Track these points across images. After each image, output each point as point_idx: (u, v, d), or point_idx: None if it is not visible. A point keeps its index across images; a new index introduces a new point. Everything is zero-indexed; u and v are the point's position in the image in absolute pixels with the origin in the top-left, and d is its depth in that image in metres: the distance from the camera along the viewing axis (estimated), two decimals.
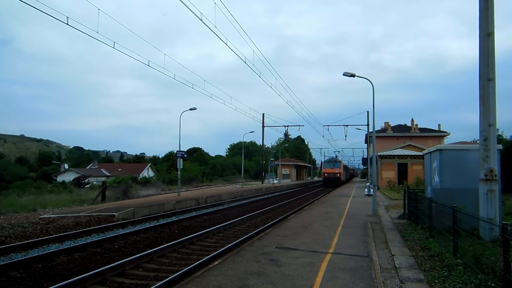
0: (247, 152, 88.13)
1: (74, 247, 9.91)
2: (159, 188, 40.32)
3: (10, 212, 18.29)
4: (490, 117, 8.88)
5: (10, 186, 38.14)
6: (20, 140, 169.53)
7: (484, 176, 8.88)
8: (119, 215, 15.88)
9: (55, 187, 36.89)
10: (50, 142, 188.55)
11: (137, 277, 7.65)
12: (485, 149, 8.90)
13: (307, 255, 8.27)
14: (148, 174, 69.67)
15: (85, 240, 11.34)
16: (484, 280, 5.81)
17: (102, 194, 24.48)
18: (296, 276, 6.64)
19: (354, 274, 6.85)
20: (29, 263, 8.41)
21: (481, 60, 9.04)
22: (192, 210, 19.96)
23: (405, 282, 6.42)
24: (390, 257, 8.24)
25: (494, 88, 8.90)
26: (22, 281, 7.32)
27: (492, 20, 8.97)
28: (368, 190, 28.31)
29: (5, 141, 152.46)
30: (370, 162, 28.29)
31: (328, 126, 38.11)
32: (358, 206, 20.06)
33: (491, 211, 8.67)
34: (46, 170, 70.29)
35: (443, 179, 11.04)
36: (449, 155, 11.19)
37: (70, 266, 8.43)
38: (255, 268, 7.19)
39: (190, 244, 10.90)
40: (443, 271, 6.78)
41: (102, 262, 8.80)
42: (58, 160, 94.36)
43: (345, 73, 17.55)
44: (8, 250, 9.71)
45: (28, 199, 24.96)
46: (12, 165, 68.50)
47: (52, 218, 15.04)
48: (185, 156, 35.60)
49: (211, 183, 57.90)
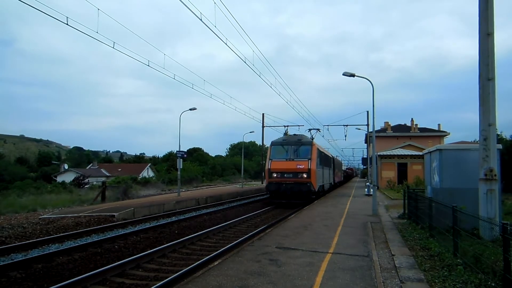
0: (247, 152, 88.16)
1: (74, 247, 9.91)
2: (159, 188, 40.29)
3: (10, 213, 18.28)
4: (490, 117, 8.89)
5: (10, 186, 38.13)
6: (20, 140, 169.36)
7: (484, 176, 8.89)
8: (119, 215, 15.87)
9: (55, 187, 36.86)
10: (50, 142, 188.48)
11: (137, 277, 7.65)
12: (485, 149, 8.91)
13: (307, 255, 8.27)
14: (148, 174, 69.67)
15: (85, 240, 11.34)
16: (484, 280, 5.81)
17: (102, 194, 24.46)
18: (296, 276, 6.65)
19: (354, 274, 6.85)
20: (29, 263, 8.40)
21: (480, 60, 9.05)
22: (192, 210, 19.95)
23: (405, 282, 6.42)
24: (390, 257, 8.25)
25: (494, 88, 8.91)
26: (22, 282, 7.32)
27: (492, 21, 8.98)
28: (368, 190, 28.29)
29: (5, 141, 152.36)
30: (370, 162, 28.29)
31: (328, 126, 37.76)
32: (358, 206, 20.05)
33: (491, 211, 8.68)
34: (46, 170, 70.31)
35: (443, 178, 11.05)
36: (449, 155, 11.20)
37: (70, 266, 8.43)
38: (255, 268, 7.19)
39: (190, 244, 10.90)
40: (443, 271, 6.78)
41: (102, 262, 8.80)
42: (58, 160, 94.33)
43: (345, 73, 17.55)
44: (8, 251, 9.71)
45: (28, 199, 24.92)
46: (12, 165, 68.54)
47: (52, 219, 15.03)
48: (185, 156, 35.58)
49: (211, 183, 57.88)
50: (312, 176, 20.82)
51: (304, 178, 20.73)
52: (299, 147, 21.64)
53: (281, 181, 21.03)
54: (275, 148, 22.20)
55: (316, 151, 21.77)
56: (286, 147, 21.88)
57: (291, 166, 21.14)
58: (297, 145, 21.76)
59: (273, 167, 21.47)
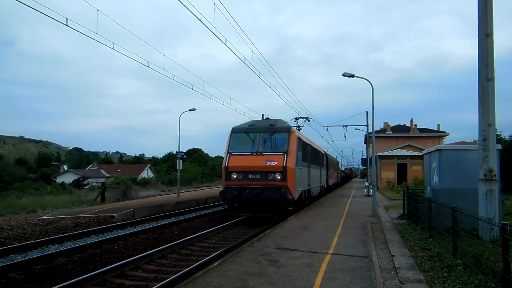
0: None
1: (74, 248, 9.90)
2: (158, 189, 40.28)
3: (9, 214, 18.27)
4: (489, 117, 8.90)
5: (9, 187, 38.12)
6: (19, 141, 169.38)
7: (483, 176, 8.89)
8: (118, 216, 15.86)
9: (55, 188, 36.88)
10: (49, 143, 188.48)
11: (137, 278, 7.65)
12: (485, 149, 8.91)
13: (306, 256, 8.27)
14: (148, 175, 69.67)
15: (85, 241, 11.32)
16: (483, 281, 5.81)
17: (101, 195, 24.46)
18: (296, 277, 6.64)
19: (353, 274, 6.85)
20: (29, 264, 8.39)
21: (480, 60, 9.06)
22: (191, 211, 19.94)
23: (405, 282, 6.41)
24: (390, 258, 8.24)
25: (493, 88, 8.92)
26: (22, 283, 7.31)
27: (491, 21, 8.99)
28: (368, 190, 28.30)
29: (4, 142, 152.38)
30: (370, 162, 28.33)
31: (328, 127, 37.73)
32: (357, 206, 20.05)
33: (491, 211, 8.68)
34: (46, 171, 70.31)
35: (443, 179, 11.06)
36: (448, 155, 11.21)
37: (70, 267, 8.41)
38: (255, 269, 7.19)
39: (189, 245, 10.89)
40: (442, 272, 6.78)
41: (102, 263, 8.79)
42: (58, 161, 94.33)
43: (345, 73, 17.56)
44: (7, 252, 9.69)
45: (28, 200, 24.92)
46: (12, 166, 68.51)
47: (51, 219, 15.02)
48: (185, 157, 35.59)
49: (211, 184, 57.83)
50: (289, 177, 14.41)
51: (277, 181, 14.39)
52: (271, 136, 15.11)
53: (243, 185, 14.64)
54: (237, 138, 15.63)
55: (295, 141, 15.17)
56: (253, 136, 15.29)
57: (258, 162, 14.64)
58: (268, 132, 15.22)
59: (232, 164, 14.94)
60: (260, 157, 14.79)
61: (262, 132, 15.36)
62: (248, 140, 15.39)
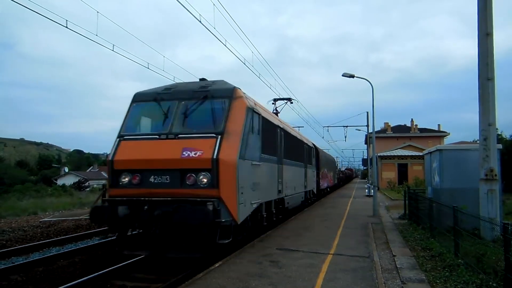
0: None
1: (75, 250, 9.90)
2: None
3: (10, 216, 18.28)
4: (489, 116, 8.90)
5: (10, 189, 38.20)
6: (20, 143, 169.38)
7: (484, 176, 8.88)
8: None
9: (55, 190, 36.94)
10: (50, 146, 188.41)
11: (139, 280, 7.64)
12: (485, 149, 8.91)
13: (308, 256, 8.26)
14: None
15: (86, 243, 11.33)
16: (485, 280, 5.80)
17: (102, 197, 24.43)
18: (298, 277, 6.64)
19: (355, 275, 6.84)
20: (30, 266, 8.39)
21: (480, 60, 9.07)
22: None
23: (407, 282, 6.41)
24: (391, 258, 8.24)
25: (493, 88, 8.92)
26: (23, 285, 7.32)
27: (491, 21, 8.99)
28: (368, 190, 28.30)
29: (5, 144, 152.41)
30: (370, 162, 28.30)
31: (328, 127, 37.73)
32: (358, 206, 20.04)
33: (492, 211, 8.67)
34: (46, 173, 70.42)
35: (444, 179, 11.05)
36: (449, 155, 11.21)
37: (71, 269, 8.42)
38: (256, 269, 7.18)
39: None
40: (444, 271, 6.78)
41: (103, 265, 8.79)
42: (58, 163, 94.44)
43: (344, 74, 17.57)
44: (9, 254, 9.71)
45: (29, 202, 24.95)
46: (12, 168, 68.63)
47: (52, 222, 15.04)
48: None
49: None
50: (225, 180, 7.72)
51: (201, 188, 7.73)
52: (199, 105, 8.59)
53: (139, 196, 7.91)
54: (139, 110, 9.24)
55: (244, 114, 8.58)
56: (167, 106, 8.74)
57: (169, 152, 8.03)
58: (194, 99, 8.68)
59: (120, 157, 8.41)
60: (173, 143, 8.14)
61: (184, 99, 8.76)
62: (158, 113, 8.76)
